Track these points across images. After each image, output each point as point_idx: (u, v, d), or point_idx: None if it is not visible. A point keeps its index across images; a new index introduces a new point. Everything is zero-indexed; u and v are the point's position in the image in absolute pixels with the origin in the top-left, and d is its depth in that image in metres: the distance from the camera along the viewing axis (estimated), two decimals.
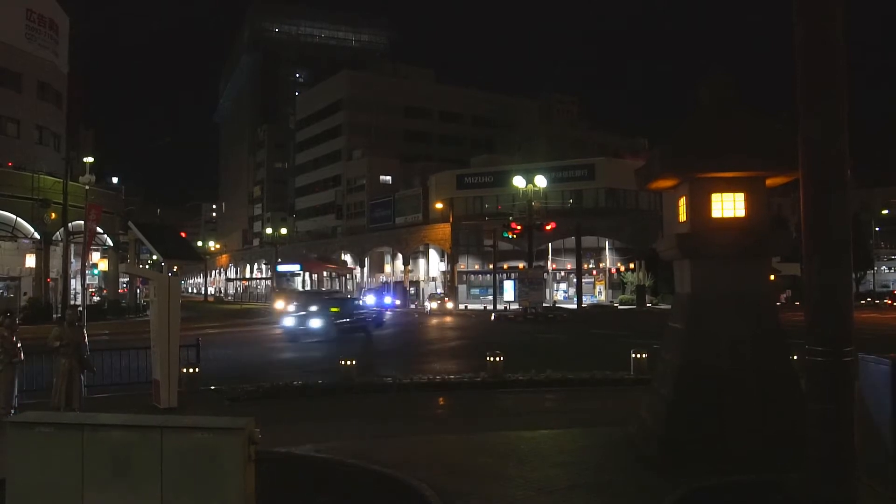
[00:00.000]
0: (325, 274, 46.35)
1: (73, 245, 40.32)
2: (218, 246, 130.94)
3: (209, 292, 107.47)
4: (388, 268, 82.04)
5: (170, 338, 12.44)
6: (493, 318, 42.89)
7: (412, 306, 62.79)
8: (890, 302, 62.03)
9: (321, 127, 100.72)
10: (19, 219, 41.02)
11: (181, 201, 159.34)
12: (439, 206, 71.38)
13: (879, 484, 6.80)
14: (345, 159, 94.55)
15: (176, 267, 52.98)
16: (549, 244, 63.75)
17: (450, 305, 57.34)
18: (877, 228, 77.20)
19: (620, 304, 60.05)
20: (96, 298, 47.89)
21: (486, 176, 74.08)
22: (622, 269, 64.95)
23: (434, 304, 57.81)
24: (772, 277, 10.19)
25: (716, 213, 8.50)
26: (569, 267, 66.71)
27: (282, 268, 46.72)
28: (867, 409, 7.06)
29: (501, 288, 61.66)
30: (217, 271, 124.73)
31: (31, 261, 42.12)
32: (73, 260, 40.40)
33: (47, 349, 11.51)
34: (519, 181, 48.27)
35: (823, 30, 6.05)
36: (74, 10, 55.69)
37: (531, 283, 43.43)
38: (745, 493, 6.99)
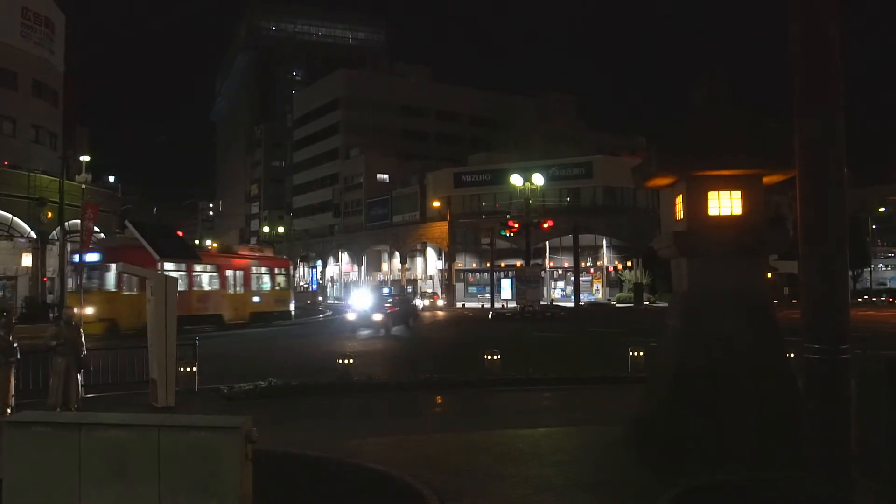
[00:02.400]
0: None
1: (69, 244, 40.25)
2: (215, 245, 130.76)
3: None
4: (385, 266, 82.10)
5: (167, 337, 12.42)
6: (490, 316, 42.90)
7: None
8: (891, 299, 62.10)
9: (318, 125, 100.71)
10: (15, 218, 40.92)
11: (178, 200, 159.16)
12: (437, 204, 71.40)
13: (876, 482, 6.81)
14: (342, 158, 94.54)
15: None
16: (547, 242, 63.84)
17: (440, 303, 52.60)
18: (874, 226, 77.34)
19: (618, 302, 60.16)
20: None
21: (484, 174, 74.15)
22: (620, 267, 65.07)
23: (426, 302, 53.62)
24: (769, 275, 10.21)
25: (713, 210, 8.51)
26: (566, 265, 66.80)
27: (89, 257, 29.46)
28: (863, 407, 7.07)
29: (499, 286, 61.72)
30: None
31: (27, 260, 42.01)
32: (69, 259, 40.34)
33: (44, 348, 11.49)
34: (516, 179, 48.33)
35: (820, 27, 6.06)
36: (71, 8, 55.41)
37: (529, 282, 43.48)
38: (741, 492, 7.00)
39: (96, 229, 40.05)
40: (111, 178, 65.63)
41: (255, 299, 37.26)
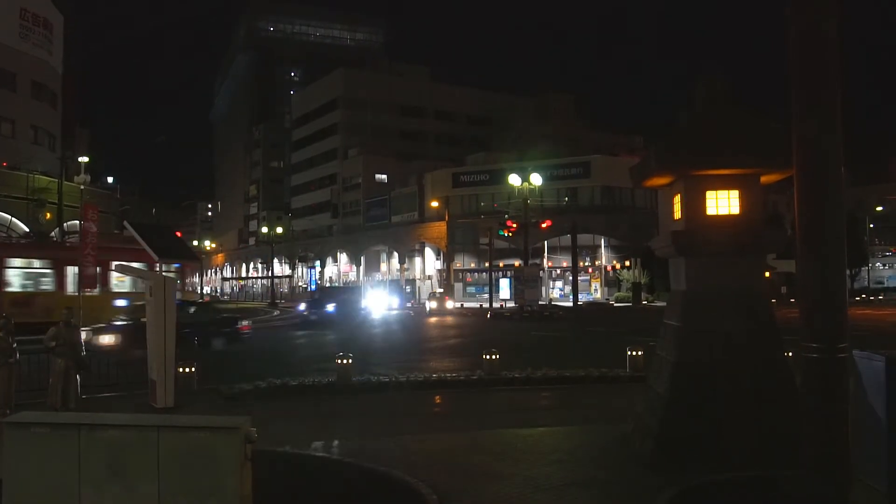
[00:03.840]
0: None
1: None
2: (214, 245, 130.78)
3: (205, 291, 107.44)
4: (384, 266, 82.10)
5: (166, 337, 12.43)
6: (488, 315, 42.92)
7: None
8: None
9: (317, 126, 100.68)
10: (14, 219, 40.94)
11: (177, 200, 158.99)
12: (435, 204, 71.45)
13: (874, 480, 6.83)
14: (340, 158, 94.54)
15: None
16: (545, 242, 63.90)
17: (449, 305, 52.16)
18: (871, 225, 77.46)
19: (616, 302, 60.18)
20: None
21: (482, 174, 74.18)
22: (618, 266, 65.09)
23: (434, 304, 52.57)
24: (767, 274, 10.23)
25: (710, 210, 8.52)
26: (565, 265, 66.83)
27: None
28: (862, 406, 7.09)
29: (497, 286, 61.75)
30: (213, 270, 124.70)
31: None
32: None
33: (43, 349, 11.49)
34: (514, 179, 48.29)
35: (818, 27, 6.07)
36: (69, 9, 55.40)
37: (527, 281, 43.48)
38: (740, 491, 7.02)
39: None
40: (110, 179, 65.74)
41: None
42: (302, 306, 37.90)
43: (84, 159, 43.95)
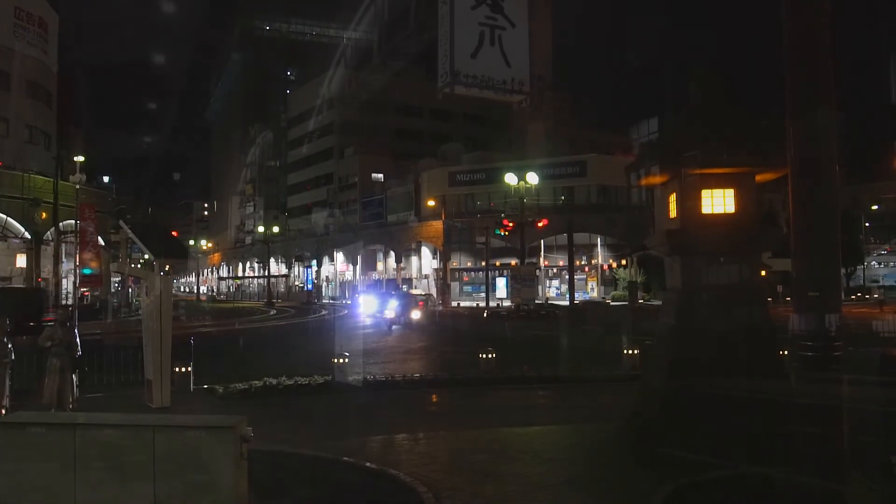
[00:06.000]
0: None
1: (63, 244, 40.19)
2: (210, 244, 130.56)
3: (201, 291, 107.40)
4: (380, 265, 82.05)
5: (162, 337, 12.41)
6: (485, 315, 42.93)
7: None
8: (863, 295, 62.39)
9: (313, 125, 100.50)
10: (9, 218, 40.85)
11: (173, 200, 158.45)
12: (431, 203, 71.37)
13: (871, 479, 6.85)
14: (336, 157, 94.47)
15: (168, 266, 52.43)
16: (542, 241, 63.88)
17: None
18: (866, 224, 77.56)
19: (613, 301, 60.19)
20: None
21: (478, 173, 74.09)
22: (614, 265, 65.13)
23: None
24: (762, 273, 10.25)
25: (706, 209, 8.53)
26: (561, 263, 66.84)
27: None
28: (856, 403, 7.11)
29: (494, 285, 61.79)
30: (209, 270, 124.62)
31: (21, 261, 41.95)
32: (64, 260, 40.26)
33: (39, 349, 11.47)
34: (511, 178, 48.30)
35: (812, 27, 6.09)
36: (64, 8, 55.36)
37: (523, 280, 43.57)
38: (735, 488, 7.03)
39: (91, 229, 40.05)
40: (105, 179, 65.49)
41: None
42: None
43: (79, 159, 43.78)
